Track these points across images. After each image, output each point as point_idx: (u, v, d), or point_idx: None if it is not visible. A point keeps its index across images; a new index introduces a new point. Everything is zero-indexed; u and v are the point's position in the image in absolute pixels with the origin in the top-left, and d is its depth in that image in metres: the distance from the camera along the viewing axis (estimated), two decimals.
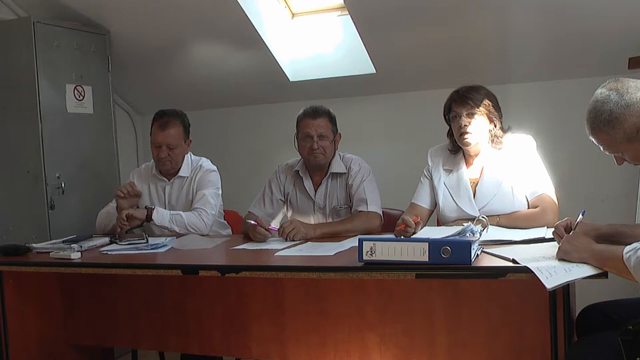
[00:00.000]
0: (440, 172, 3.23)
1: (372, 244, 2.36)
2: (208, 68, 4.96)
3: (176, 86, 5.14)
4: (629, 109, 2.19)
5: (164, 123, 3.65)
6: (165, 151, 3.65)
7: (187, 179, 3.77)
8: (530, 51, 4.21)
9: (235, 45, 4.70)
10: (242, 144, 5.29)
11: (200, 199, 3.66)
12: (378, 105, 4.85)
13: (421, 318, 2.66)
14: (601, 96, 2.25)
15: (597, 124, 2.25)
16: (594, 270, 2.17)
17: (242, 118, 5.30)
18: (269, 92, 5.06)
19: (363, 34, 4.34)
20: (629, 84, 2.23)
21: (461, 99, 3.07)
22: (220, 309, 3.01)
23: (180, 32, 4.66)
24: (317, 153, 3.44)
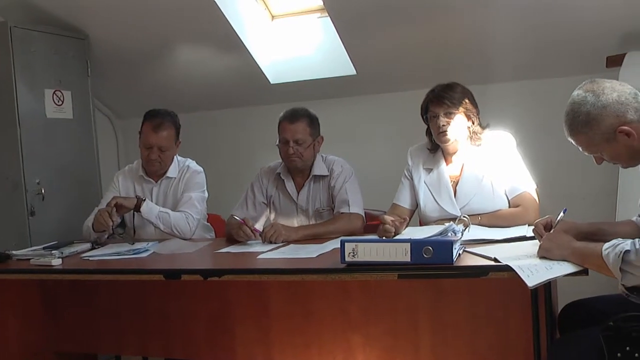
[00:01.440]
0: (421, 171, 3.25)
1: (354, 245, 2.37)
2: (188, 71, 4.95)
3: (157, 90, 5.12)
4: (606, 110, 2.21)
5: (157, 124, 3.62)
6: (156, 153, 3.63)
7: (174, 180, 3.76)
8: (510, 51, 4.24)
9: (215, 48, 4.70)
10: (224, 147, 5.28)
11: (187, 201, 3.65)
12: (359, 107, 4.86)
13: (405, 318, 2.67)
14: (578, 98, 2.27)
15: (575, 126, 2.27)
16: (575, 267, 2.19)
17: (224, 121, 5.30)
18: (249, 94, 5.05)
19: (343, 35, 4.35)
20: (604, 85, 2.25)
21: (437, 98, 3.09)
22: (204, 313, 3.00)
23: (160, 35, 4.65)
24: (294, 158, 3.44)
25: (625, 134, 2.20)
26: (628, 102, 2.21)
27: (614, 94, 2.22)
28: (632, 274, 2.02)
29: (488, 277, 2.27)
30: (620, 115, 2.20)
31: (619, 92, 2.23)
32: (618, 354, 2.03)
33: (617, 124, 2.20)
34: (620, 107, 2.21)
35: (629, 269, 2.02)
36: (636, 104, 2.22)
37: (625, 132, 2.20)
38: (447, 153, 3.22)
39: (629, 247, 2.02)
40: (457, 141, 3.14)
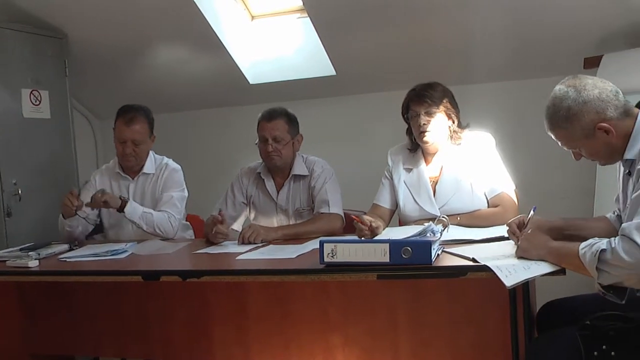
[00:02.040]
0: (401, 171, 3.26)
1: (333, 246, 2.37)
2: (168, 71, 4.93)
3: (136, 90, 5.08)
4: (586, 106, 2.22)
5: (129, 119, 3.62)
6: (130, 147, 3.62)
7: (151, 176, 3.75)
8: (489, 52, 4.26)
9: (195, 49, 4.68)
10: (204, 147, 5.26)
11: (168, 201, 3.64)
12: (339, 107, 4.86)
13: (384, 318, 2.67)
14: (559, 93, 2.28)
15: (555, 120, 2.28)
16: (552, 267, 2.21)
17: (203, 121, 5.28)
18: (229, 95, 5.04)
19: (323, 36, 4.35)
20: (586, 81, 2.26)
21: (418, 97, 3.10)
22: (182, 314, 2.98)
23: (138, 35, 4.62)
24: (273, 155, 3.44)
25: (604, 130, 2.21)
26: (609, 100, 2.22)
27: (596, 91, 2.23)
28: (608, 272, 2.03)
29: (467, 277, 2.28)
30: (600, 112, 2.21)
31: (600, 89, 2.24)
32: (595, 353, 2.05)
33: (597, 120, 2.21)
34: (600, 103, 2.22)
35: (605, 267, 2.03)
36: (616, 102, 2.23)
37: (605, 129, 2.21)
38: (427, 153, 3.23)
39: (605, 246, 2.03)
40: (437, 142, 3.15)
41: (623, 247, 1.99)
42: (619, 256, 1.99)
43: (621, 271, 2.01)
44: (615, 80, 2.32)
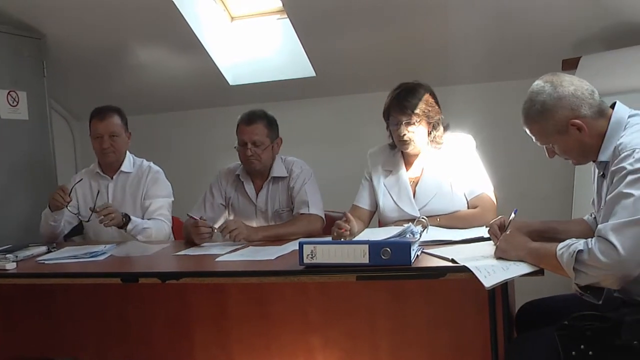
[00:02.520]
0: (380, 173, 3.25)
1: (313, 247, 2.36)
2: (147, 72, 4.89)
3: (115, 91, 5.04)
4: (561, 101, 2.24)
5: (102, 115, 3.68)
6: (107, 141, 3.65)
7: (131, 176, 3.74)
8: (469, 54, 4.27)
9: (174, 50, 4.65)
10: (183, 148, 5.23)
11: (160, 209, 3.67)
12: (319, 108, 4.85)
13: (364, 319, 2.68)
14: (536, 87, 2.31)
15: (530, 115, 2.30)
16: (531, 267, 2.22)
17: (183, 123, 5.25)
18: (209, 96, 5.01)
19: (302, 37, 4.34)
20: (563, 78, 2.29)
21: (400, 107, 3.06)
22: (162, 316, 2.97)
23: (117, 36, 4.59)
24: (252, 160, 3.43)
25: (577, 127, 2.23)
26: (584, 97, 2.24)
27: (571, 87, 2.25)
28: (585, 273, 2.05)
29: (446, 278, 2.29)
30: (574, 109, 2.23)
31: (576, 86, 2.26)
32: (573, 353, 2.06)
33: (571, 117, 2.23)
34: (575, 100, 2.23)
35: (582, 268, 2.05)
36: (591, 101, 2.25)
37: (577, 126, 2.23)
38: (408, 156, 3.22)
39: (582, 247, 2.05)
40: (417, 148, 3.15)
41: (599, 248, 2.01)
42: (595, 257, 2.01)
43: (598, 272, 2.03)
44: (593, 81, 2.34)
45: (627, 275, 2.02)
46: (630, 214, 2.01)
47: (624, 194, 2.05)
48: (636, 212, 2.01)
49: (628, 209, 2.02)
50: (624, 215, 2.02)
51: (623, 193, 2.05)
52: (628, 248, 1.98)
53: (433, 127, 3.13)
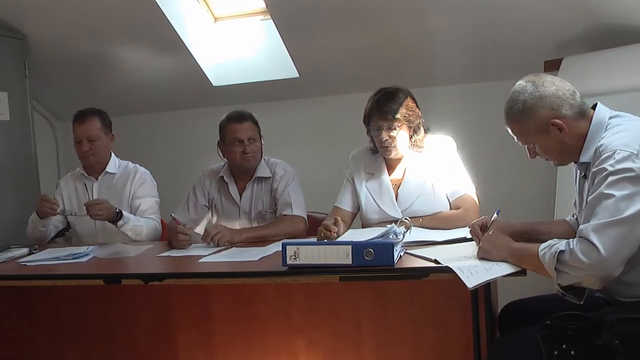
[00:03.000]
0: (362, 175, 3.25)
1: (296, 248, 2.36)
2: (130, 73, 4.87)
3: (98, 91, 5.02)
4: (542, 101, 2.24)
5: (81, 119, 3.66)
6: (86, 145, 3.63)
7: (116, 177, 3.73)
8: (451, 55, 4.28)
9: (157, 50, 4.63)
10: (166, 149, 5.21)
11: (151, 208, 3.67)
12: (302, 109, 4.85)
13: (347, 320, 2.68)
14: (518, 87, 2.31)
15: (511, 114, 2.31)
16: (513, 268, 2.23)
17: (166, 123, 5.23)
18: (192, 97, 5.00)
19: (285, 37, 4.34)
20: (545, 78, 2.29)
21: (380, 113, 3.05)
22: (146, 318, 2.95)
23: (100, 36, 4.56)
24: (250, 157, 3.43)
25: (558, 127, 2.24)
26: (565, 98, 2.25)
27: (553, 87, 2.26)
28: (566, 273, 2.06)
29: (429, 279, 2.29)
30: (555, 109, 2.24)
31: (557, 87, 2.26)
32: (555, 352, 2.07)
33: (551, 117, 2.24)
34: (556, 100, 2.24)
35: (564, 268, 2.06)
36: (572, 101, 2.26)
37: (558, 126, 2.24)
38: (390, 159, 3.22)
39: (563, 248, 2.06)
40: (399, 153, 3.15)
41: (580, 249, 2.02)
42: (576, 257, 2.02)
43: (579, 272, 2.04)
44: (575, 83, 2.35)
45: (608, 276, 2.03)
46: (611, 214, 2.03)
47: (605, 195, 2.06)
48: (617, 213, 2.02)
49: (609, 209, 2.04)
50: (604, 216, 2.03)
51: (604, 194, 2.06)
52: (609, 248, 1.99)
53: (414, 131, 3.12)
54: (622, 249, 2.02)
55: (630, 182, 2.04)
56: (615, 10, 3.69)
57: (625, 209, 2.02)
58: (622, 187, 2.04)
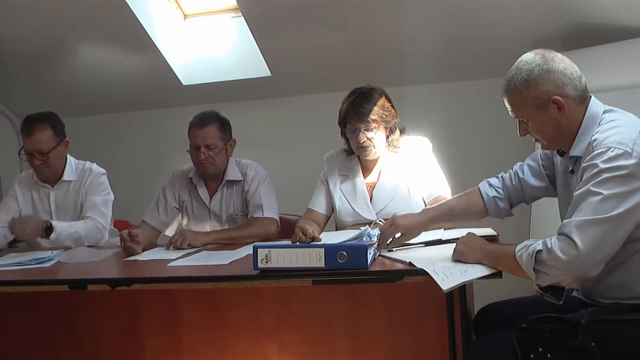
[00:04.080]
0: (336, 177, 3.25)
1: (267, 251, 2.35)
2: (96, 71, 4.82)
3: (62, 90, 4.97)
4: (548, 75, 2.21)
5: (29, 130, 3.51)
6: (38, 158, 3.53)
7: (73, 183, 3.66)
8: (426, 53, 4.31)
9: (125, 47, 4.60)
10: (134, 150, 5.17)
11: (92, 207, 3.57)
12: (274, 109, 4.85)
13: (320, 324, 2.67)
14: (526, 57, 2.28)
15: (513, 82, 2.26)
16: (489, 270, 2.23)
17: (134, 123, 5.19)
18: (161, 96, 4.97)
19: (257, 36, 4.33)
20: (556, 54, 2.27)
21: (357, 114, 3.06)
22: (112, 325, 2.92)
23: (65, 32, 4.51)
24: (206, 164, 3.40)
25: (558, 106, 2.21)
26: (572, 78, 2.22)
27: (562, 65, 2.23)
28: (545, 273, 2.06)
29: (403, 282, 2.29)
30: (560, 86, 2.21)
31: (566, 65, 2.24)
32: (531, 355, 2.07)
33: (554, 93, 2.21)
34: (563, 78, 2.21)
35: (542, 268, 2.05)
36: (578, 84, 2.23)
37: (558, 104, 2.21)
38: (365, 160, 3.22)
39: (540, 247, 2.06)
40: (376, 154, 3.16)
41: (559, 247, 2.02)
42: (555, 256, 2.02)
43: (557, 271, 2.04)
44: None
45: (585, 274, 2.03)
46: (596, 212, 2.02)
47: (593, 192, 2.05)
48: (602, 211, 2.02)
49: (594, 207, 2.03)
50: (588, 213, 2.03)
51: (592, 191, 2.05)
52: (588, 246, 1.99)
53: (390, 131, 3.14)
54: (602, 248, 2.02)
55: (621, 181, 2.04)
56: (593, 9, 3.73)
57: (612, 209, 2.02)
58: (612, 185, 2.04)
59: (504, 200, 2.60)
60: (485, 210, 2.60)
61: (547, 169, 2.53)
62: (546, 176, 2.53)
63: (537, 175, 2.55)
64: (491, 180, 2.64)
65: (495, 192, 2.59)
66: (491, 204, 2.58)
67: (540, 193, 2.59)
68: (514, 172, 2.60)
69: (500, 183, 2.61)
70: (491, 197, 2.59)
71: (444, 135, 3.62)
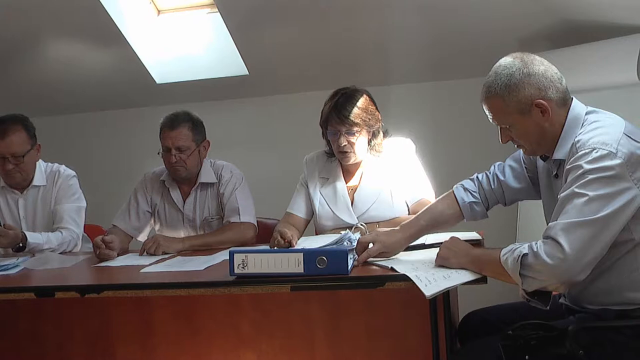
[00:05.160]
0: (317, 180, 3.25)
1: (244, 256, 2.34)
2: (65, 68, 4.80)
3: (30, 88, 4.94)
4: (529, 79, 2.22)
5: (2, 131, 3.46)
6: (11, 162, 3.49)
7: (42, 188, 3.63)
8: (410, 52, 4.33)
9: (95, 44, 4.58)
10: (106, 151, 5.15)
11: (65, 216, 3.55)
12: (252, 109, 4.85)
13: (299, 332, 2.68)
14: (505, 62, 2.28)
15: (493, 87, 2.26)
16: (473, 275, 2.23)
17: (105, 123, 5.17)
18: (134, 95, 4.96)
19: (234, 33, 4.33)
20: (534, 57, 2.27)
21: (339, 117, 3.05)
22: (82, 334, 2.92)
23: (32, 28, 4.48)
24: (177, 167, 3.39)
25: (541, 110, 2.22)
26: (553, 80, 2.23)
27: (541, 67, 2.24)
28: (531, 277, 2.06)
29: (385, 288, 2.29)
30: (541, 89, 2.22)
31: (546, 67, 2.25)
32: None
33: (536, 97, 2.22)
34: (544, 80, 2.22)
35: (529, 272, 2.06)
36: (559, 85, 2.24)
37: (542, 108, 2.22)
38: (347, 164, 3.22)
39: (526, 251, 2.06)
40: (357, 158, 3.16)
41: (546, 250, 2.03)
42: (541, 259, 2.02)
43: (545, 275, 2.04)
44: None
45: (572, 278, 2.04)
46: (582, 214, 2.03)
47: (578, 194, 2.06)
48: (588, 213, 2.03)
49: (580, 209, 2.04)
50: (574, 215, 2.04)
51: (576, 192, 2.06)
52: (574, 249, 2.00)
53: (373, 135, 3.14)
54: (589, 251, 2.02)
55: (606, 182, 2.05)
56: (579, 6, 3.77)
57: (598, 210, 2.03)
58: (597, 187, 2.05)
59: (480, 204, 2.60)
60: (461, 216, 2.60)
61: (530, 170, 2.54)
62: (528, 178, 2.54)
63: (519, 177, 2.56)
64: (465, 183, 2.64)
65: (471, 197, 2.59)
66: (467, 209, 2.59)
67: (522, 196, 2.61)
68: (492, 173, 2.60)
69: (476, 186, 2.62)
70: (467, 203, 2.59)
71: (428, 135, 3.64)
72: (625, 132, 2.15)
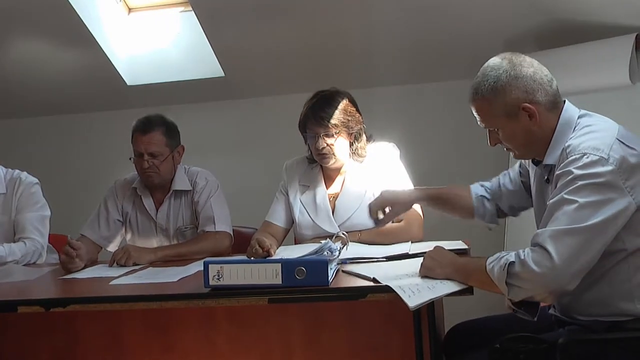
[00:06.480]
0: (297, 188, 3.26)
1: (219, 267, 2.34)
2: (28, 69, 4.78)
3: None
4: (517, 81, 2.24)
5: None
6: None
7: (1, 196, 3.58)
8: (393, 54, 4.35)
9: (61, 43, 4.56)
10: (73, 157, 5.13)
11: (27, 227, 3.51)
12: (227, 112, 4.85)
13: (278, 346, 2.67)
14: (492, 63, 2.31)
15: (480, 89, 2.29)
16: (459, 285, 2.24)
17: (72, 127, 5.15)
18: (102, 97, 4.95)
19: (209, 32, 4.33)
20: (523, 58, 2.29)
21: (316, 119, 3.07)
22: (47, 351, 2.88)
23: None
24: (150, 173, 3.40)
25: (529, 114, 2.24)
26: (542, 83, 2.25)
27: (530, 69, 2.26)
28: (518, 287, 2.07)
29: (367, 299, 2.30)
30: (529, 92, 2.24)
31: (535, 69, 2.27)
32: None
33: (524, 100, 2.24)
34: (532, 83, 2.24)
35: (515, 281, 2.07)
36: (548, 88, 2.26)
37: (529, 112, 2.24)
38: (328, 170, 3.23)
39: (513, 259, 2.07)
40: (338, 163, 3.17)
41: (533, 258, 2.04)
42: (529, 268, 2.03)
43: (531, 284, 2.05)
44: None
45: (560, 288, 2.06)
46: (571, 221, 2.05)
47: (567, 200, 2.08)
48: (578, 221, 2.04)
49: (570, 216, 2.05)
50: (564, 222, 2.05)
51: (566, 199, 2.08)
52: (563, 257, 2.01)
53: (354, 138, 3.15)
54: (578, 260, 2.04)
55: (597, 189, 2.07)
56: (568, 6, 3.80)
57: (588, 218, 2.04)
58: (587, 193, 2.06)
59: (491, 202, 2.69)
60: (472, 207, 2.68)
61: (523, 175, 2.58)
62: (522, 183, 2.58)
63: (514, 182, 2.63)
64: (484, 182, 2.76)
65: (484, 192, 2.70)
66: (478, 202, 2.68)
67: (515, 201, 2.64)
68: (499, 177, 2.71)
69: (490, 185, 2.73)
70: (479, 196, 2.70)
71: (412, 139, 3.65)
72: (618, 137, 2.17)
